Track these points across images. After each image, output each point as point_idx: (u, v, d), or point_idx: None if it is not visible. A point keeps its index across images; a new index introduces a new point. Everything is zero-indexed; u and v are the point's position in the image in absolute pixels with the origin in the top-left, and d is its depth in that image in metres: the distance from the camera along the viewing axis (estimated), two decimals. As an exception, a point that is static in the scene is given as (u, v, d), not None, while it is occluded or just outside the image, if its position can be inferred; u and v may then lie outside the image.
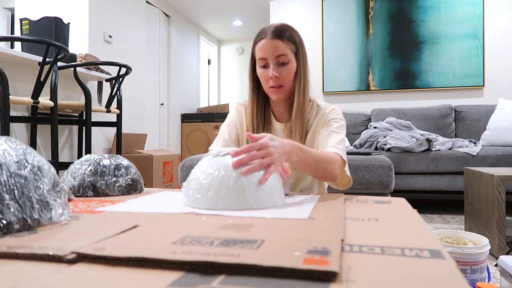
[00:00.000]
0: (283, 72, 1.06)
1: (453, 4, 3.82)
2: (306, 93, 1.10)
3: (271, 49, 1.05)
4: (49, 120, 2.17)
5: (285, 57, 1.06)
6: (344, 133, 1.11)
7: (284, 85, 1.07)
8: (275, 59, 1.05)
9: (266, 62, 1.07)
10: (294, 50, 1.08)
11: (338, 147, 1.02)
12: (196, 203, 0.73)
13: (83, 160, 0.94)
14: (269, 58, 1.06)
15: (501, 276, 1.14)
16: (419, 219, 0.62)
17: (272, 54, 1.05)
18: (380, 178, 2.00)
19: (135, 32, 3.97)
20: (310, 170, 0.96)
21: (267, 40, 1.05)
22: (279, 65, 1.06)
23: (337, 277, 0.34)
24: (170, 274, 0.36)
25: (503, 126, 3.10)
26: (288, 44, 1.06)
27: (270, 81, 1.07)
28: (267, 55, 1.06)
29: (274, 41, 1.05)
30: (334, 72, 4.17)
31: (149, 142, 4.13)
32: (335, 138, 1.06)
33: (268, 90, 1.10)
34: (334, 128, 1.09)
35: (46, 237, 0.50)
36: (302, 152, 0.90)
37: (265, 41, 1.06)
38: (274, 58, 1.05)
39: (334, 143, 1.04)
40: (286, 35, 1.06)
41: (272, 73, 1.05)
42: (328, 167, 0.95)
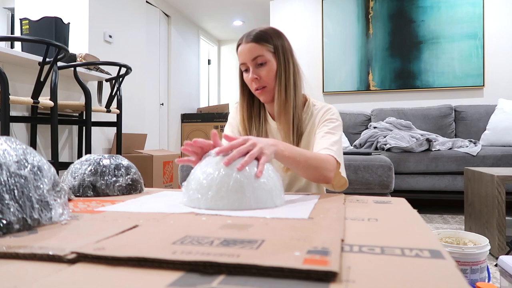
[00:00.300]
0: (262, 72, 1.08)
1: (453, 4, 3.82)
2: (289, 91, 1.09)
3: (247, 52, 1.07)
4: (49, 120, 2.17)
5: (261, 58, 1.07)
6: (340, 134, 1.09)
7: (266, 85, 1.09)
8: (253, 62, 1.07)
9: (246, 66, 1.09)
10: (272, 49, 1.08)
11: (332, 149, 1.00)
12: (196, 203, 0.73)
13: (83, 160, 0.94)
14: (247, 61, 1.08)
15: (501, 276, 1.14)
16: (419, 219, 0.62)
17: (249, 57, 1.07)
18: (380, 178, 2.00)
19: (135, 32, 3.97)
20: (301, 169, 0.93)
21: (242, 45, 1.09)
22: (257, 67, 1.08)
23: (337, 277, 0.34)
24: (170, 274, 0.36)
25: (503, 126, 3.10)
26: (264, 45, 1.07)
27: (252, 83, 1.09)
28: (245, 59, 1.08)
29: (249, 44, 1.07)
30: (334, 72, 4.17)
31: (149, 142, 4.13)
32: (329, 139, 1.04)
33: (255, 92, 1.12)
34: (329, 128, 1.08)
35: (46, 237, 0.50)
36: (290, 147, 0.90)
37: (242, 46, 1.09)
38: (252, 61, 1.07)
39: (328, 145, 1.02)
40: (261, 37, 1.07)
41: (252, 75, 1.08)
42: (320, 168, 0.93)
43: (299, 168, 0.93)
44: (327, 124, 1.10)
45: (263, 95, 1.11)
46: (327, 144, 1.03)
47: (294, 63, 1.12)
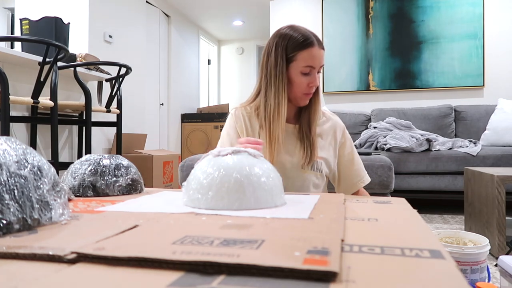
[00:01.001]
0: (319, 80, 1.14)
1: (453, 4, 3.82)
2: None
3: (319, 59, 1.09)
4: (49, 120, 2.17)
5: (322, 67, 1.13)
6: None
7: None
8: (319, 68, 1.11)
9: (311, 70, 1.09)
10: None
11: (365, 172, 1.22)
12: (196, 203, 0.73)
13: (83, 160, 0.94)
14: (316, 67, 1.10)
15: (501, 276, 1.14)
16: (419, 219, 0.62)
17: (319, 64, 1.10)
18: (380, 178, 2.00)
19: (135, 32, 3.97)
20: None
21: (317, 49, 1.08)
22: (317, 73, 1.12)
23: (337, 277, 0.34)
24: (170, 274, 0.36)
25: (503, 126, 3.10)
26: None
27: (310, 88, 1.10)
28: (316, 64, 1.09)
29: (321, 51, 1.10)
30: (334, 72, 4.17)
31: (149, 142, 4.13)
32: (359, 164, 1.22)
33: (301, 95, 1.11)
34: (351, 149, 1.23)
35: (46, 237, 0.50)
36: None
37: (316, 50, 1.08)
38: (319, 67, 1.11)
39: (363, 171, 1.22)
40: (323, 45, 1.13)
41: (317, 81, 1.11)
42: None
43: None
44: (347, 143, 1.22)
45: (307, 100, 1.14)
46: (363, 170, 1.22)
47: None
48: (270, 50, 1.11)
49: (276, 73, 1.09)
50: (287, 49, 1.08)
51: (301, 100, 1.13)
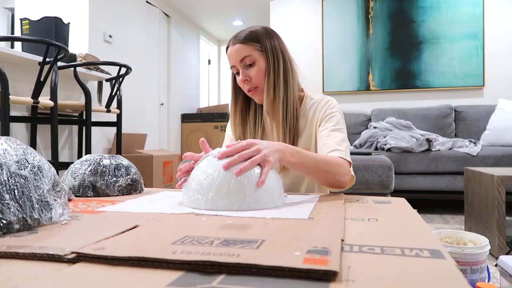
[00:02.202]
0: (252, 73, 1.05)
1: (453, 4, 3.82)
2: (278, 89, 1.05)
3: (234, 54, 1.05)
4: (49, 120, 2.17)
5: (249, 58, 1.04)
6: (344, 127, 1.05)
7: (258, 85, 1.06)
8: (241, 63, 1.05)
9: (236, 69, 1.07)
10: (259, 48, 1.05)
11: (341, 149, 0.96)
12: (196, 204, 0.73)
13: (83, 160, 0.94)
14: (236, 63, 1.06)
15: (501, 276, 1.14)
16: (419, 219, 0.62)
17: (237, 59, 1.05)
18: (380, 178, 2.00)
19: (135, 32, 3.97)
20: (311, 173, 0.88)
21: (231, 47, 1.06)
22: (247, 68, 1.06)
23: (337, 277, 0.34)
24: (170, 273, 0.36)
25: (503, 126, 3.10)
26: (250, 45, 1.04)
27: (244, 85, 1.07)
28: (234, 61, 1.06)
29: (236, 46, 1.05)
30: (334, 72, 4.18)
31: (149, 142, 4.13)
32: (336, 137, 1.00)
33: (249, 94, 1.09)
34: (333, 125, 1.04)
35: (46, 237, 0.50)
36: (297, 152, 0.85)
37: (230, 49, 1.07)
38: (240, 62, 1.05)
39: (336, 145, 0.97)
40: (248, 37, 1.05)
41: (242, 77, 1.05)
42: (331, 171, 0.89)
43: (309, 174, 0.89)
44: (329, 119, 1.05)
45: (256, 96, 1.08)
46: (334, 144, 0.98)
47: (285, 61, 1.08)
48: None
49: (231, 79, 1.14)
50: None
51: (253, 99, 1.11)
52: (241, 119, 1.15)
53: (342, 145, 0.98)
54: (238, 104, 1.14)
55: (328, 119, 1.06)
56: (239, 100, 1.14)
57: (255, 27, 1.08)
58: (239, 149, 0.76)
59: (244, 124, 1.15)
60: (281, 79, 1.06)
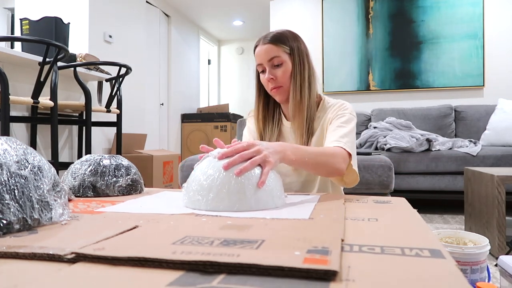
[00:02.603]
0: (278, 73, 1.10)
1: (453, 4, 3.82)
2: (304, 91, 1.11)
3: (263, 53, 1.10)
4: (49, 120, 2.17)
5: (278, 59, 1.09)
6: (352, 127, 1.08)
7: (282, 85, 1.11)
8: (269, 63, 1.10)
9: (263, 67, 1.11)
10: (288, 51, 1.10)
11: (342, 141, 1.00)
12: (196, 205, 0.73)
13: (83, 160, 0.94)
14: (263, 62, 1.10)
15: (501, 276, 1.14)
16: (419, 219, 0.62)
17: (265, 58, 1.10)
18: (380, 178, 2.00)
19: (135, 32, 3.97)
20: (311, 167, 0.93)
21: (260, 46, 1.11)
22: (274, 68, 1.10)
23: (337, 276, 0.34)
24: (170, 273, 0.36)
25: (503, 126, 3.10)
26: (280, 46, 1.09)
27: (268, 84, 1.11)
28: (262, 60, 1.11)
29: (266, 46, 1.09)
30: (334, 72, 4.18)
31: (149, 142, 4.14)
32: (339, 132, 1.04)
33: (271, 92, 1.14)
34: (341, 122, 1.08)
35: (46, 237, 0.50)
36: (297, 149, 0.88)
37: (259, 48, 1.11)
38: (268, 62, 1.10)
39: (338, 137, 1.02)
40: (277, 38, 1.10)
41: (268, 76, 1.10)
42: (329, 161, 0.92)
43: (309, 168, 0.94)
44: (339, 118, 1.10)
45: (278, 95, 1.13)
46: (336, 136, 1.02)
47: (309, 65, 1.14)
48: None
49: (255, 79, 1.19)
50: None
51: (274, 97, 1.16)
52: (263, 115, 1.20)
53: (345, 138, 1.02)
54: (261, 101, 1.20)
55: (338, 118, 1.11)
56: (262, 96, 1.20)
57: (282, 29, 1.14)
58: (239, 149, 0.76)
59: (265, 120, 1.20)
60: (306, 82, 1.12)
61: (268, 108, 1.20)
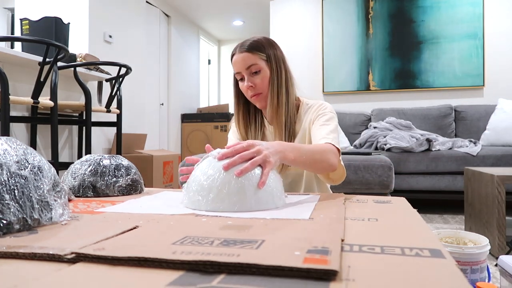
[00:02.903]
0: (257, 80, 1.12)
1: (453, 4, 3.82)
2: (281, 96, 1.13)
3: (241, 62, 1.11)
4: (49, 120, 2.17)
5: (255, 66, 1.11)
6: (335, 123, 1.12)
7: (261, 92, 1.13)
8: (247, 70, 1.12)
9: (241, 75, 1.14)
10: (265, 58, 1.12)
11: (329, 137, 1.04)
12: (197, 205, 0.73)
13: (83, 160, 0.94)
14: (242, 70, 1.12)
15: (501, 276, 1.14)
16: (419, 219, 0.62)
17: (243, 67, 1.11)
18: (380, 178, 2.00)
19: (135, 32, 3.97)
20: (308, 165, 0.95)
21: (237, 55, 1.13)
22: (252, 75, 1.12)
23: (337, 276, 0.34)
24: (170, 273, 0.36)
25: (503, 126, 3.10)
26: (256, 54, 1.11)
27: (248, 91, 1.13)
28: (240, 69, 1.13)
29: (243, 54, 1.11)
30: (334, 72, 4.17)
31: (149, 142, 4.13)
32: (325, 129, 1.08)
33: (251, 99, 1.16)
34: (323, 121, 1.11)
35: (46, 237, 0.50)
36: (295, 148, 0.89)
37: (236, 56, 1.13)
38: (246, 70, 1.11)
39: (325, 134, 1.05)
40: (254, 46, 1.11)
41: (247, 84, 1.12)
42: (324, 158, 0.95)
43: (306, 166, 0.96)
44: (320, 118, 1.13)
45: (258, 102, 1.15)
46: (323, 134, 1.06)
47: (286, 70, 1.16)
48: None
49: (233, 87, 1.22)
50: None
51: (255, 104, 1.18)
52: (244, 121, 1.23)
53: (331, 134, 1.06)
54: (241, 108, 1.23)
55: (319, 118, 1.14)
56: (241, 104, 1.22)
57: (258, 37, 1.16)
58: (239, 150, 0.76)
59: (247, 126, 1.22)
60: (283, 87, 1.14)
61: (249, 114, 1.23)
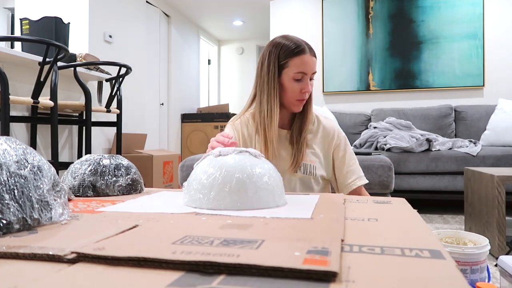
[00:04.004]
0: (312, 86, 1.16)
1: (453, 4, 3.82)
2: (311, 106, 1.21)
3: (311, 65, 1.12)
4: (49, 120, 2.17)
5: (315, 75, 1.16)
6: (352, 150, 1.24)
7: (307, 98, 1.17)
8: (312, 75, 1.15)
9: (304, 76, 1.12)
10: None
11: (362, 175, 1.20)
12: (197, 203, 0.73)
13: (83, 160, 0.94)
14: (308, 73, 1.13)
15: (501, 276, 1.14)
16: (419, 219, 0.62)
17: (311, 70, 1.13)
18: (380, 178, 2.00)
19: (135, 32, 3.97)
20: None
21: (308, 56, 1.12)
22: (310, 80, 1.15)
23: (337, 277, 0.34)
24: (170, 274, 0.36)
25: (503, 126, 3.10)
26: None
27: (302, 94, 1.13)
28: (308, 71, 1.12)
29: (314, 58, 1.14)
30: (334, 72, 4.17)
31: (149, 142, 4.13)
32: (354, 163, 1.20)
33: (294, 101, 1.14)
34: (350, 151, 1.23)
35: (46, 237, 0.50)
36: None
37: (307, 57, 1.12)
38: (312, 74, 1.14)
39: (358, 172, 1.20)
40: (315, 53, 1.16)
41: (307, 87, 1.13)
42: None
43: None
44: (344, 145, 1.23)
45: (301, 106, 1.17)
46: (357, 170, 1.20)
47: None
48: (264, 58, 1.16)
49: (268, 79, 1.13)
50: (280, 56, 1.12)
51: (295, 107, 1.16)
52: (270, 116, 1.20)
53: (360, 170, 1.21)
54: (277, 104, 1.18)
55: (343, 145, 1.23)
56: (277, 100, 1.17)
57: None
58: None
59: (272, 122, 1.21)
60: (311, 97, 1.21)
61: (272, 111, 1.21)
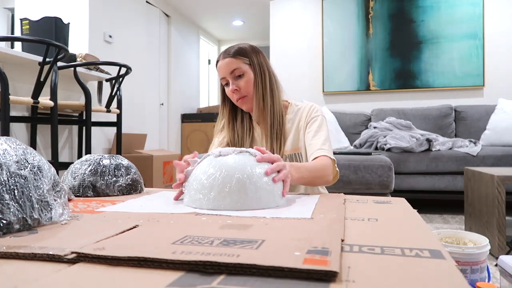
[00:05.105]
0: (241, 83, 1.15)
1: (453, 4, 3.82)
2: (266, 99, 1.17)
3: (225, 67, 1.15)
4: (49, 120, 2.17)
5: (239, 70, 1.15)
6: (327, 128, 1.18)
7: (246, 95, 1.16)
8: (231, 75, 1.15)
9: (226, 80, 1.17)
10: (248, 62, 1.16)
11: (325, 148, 1.11)
12: (197, 203, 0.73)
13: (83, 160, 0.94)
14: (226, 75, 1.16)
15: (501, 276, 1.14)
16: (419, 219, 0.62)
17: (227, 71, 1.15)
18: (380, 178, 2.00)
19: (135, 32, 3.97)
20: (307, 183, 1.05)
21: (221, 61, 1.16)
22: (236, 79, 1.15)
23: (337, 277, 0.34)
24: (170, 274, 0.36)
25: (503, 126, 3.10)
26: (239, 58, 1.15)
27: (233, 95, 1.17)
28: (224, 74, 1.16)
29: (226, 60, 1.15)
30: (334, 72, 4.17)
31: (149, 142, 4.13)
32: (320, 138, 1.14)
33: (237, 103, 1.19)
34: (316, 127, 1.17)
35: (46, 237, 0.50)
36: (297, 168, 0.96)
37: (220, 62, 1.17)
38: (230, 74, 1.15)
39: (320, 145, 1.12)
40: (237, 52, 1.15)
41: (232, 87, 1.15)
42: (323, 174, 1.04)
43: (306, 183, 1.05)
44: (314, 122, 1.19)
45: (244, 104, 1.18)
46: (319, 144, 1.13)
47: (270, 73, 1.20)
48: None
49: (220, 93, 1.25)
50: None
51: (241, 107, 1.21)
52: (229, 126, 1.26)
53: (326, 144, 1.13)
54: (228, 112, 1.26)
55: (312, 122, 1.19)
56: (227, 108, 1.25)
57: (243, 44, 1.20)
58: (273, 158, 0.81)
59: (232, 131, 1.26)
60: (268, 90, 1.18)
61: (236, 118, 1.26)
